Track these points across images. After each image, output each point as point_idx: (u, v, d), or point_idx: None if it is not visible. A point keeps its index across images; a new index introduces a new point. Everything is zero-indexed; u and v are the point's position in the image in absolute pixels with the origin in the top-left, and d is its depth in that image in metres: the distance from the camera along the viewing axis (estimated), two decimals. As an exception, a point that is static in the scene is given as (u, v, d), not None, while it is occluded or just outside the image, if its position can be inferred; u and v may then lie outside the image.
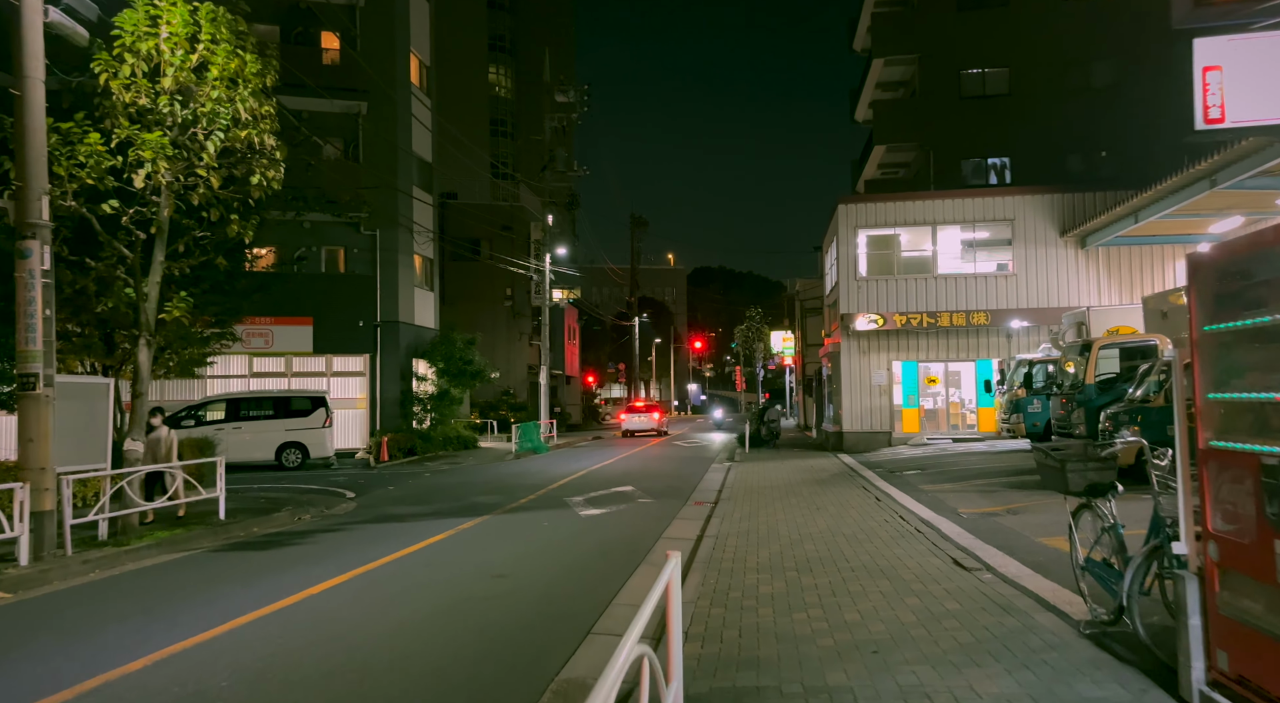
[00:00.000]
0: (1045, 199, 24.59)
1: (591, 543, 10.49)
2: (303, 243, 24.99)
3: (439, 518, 12.77)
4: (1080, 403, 14.67)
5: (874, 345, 25.10)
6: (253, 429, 21.15)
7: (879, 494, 14.03)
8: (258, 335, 23.48)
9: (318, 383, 24.44)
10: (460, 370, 26.31)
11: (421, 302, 27.58)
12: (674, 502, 14.62)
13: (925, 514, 11.57)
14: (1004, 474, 15.54)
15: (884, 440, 24.81)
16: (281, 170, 11.40)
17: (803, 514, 12.07)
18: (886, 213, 25.25)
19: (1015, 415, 19.46)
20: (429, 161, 28.38)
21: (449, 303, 38.29)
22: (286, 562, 9.56)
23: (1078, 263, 24.23)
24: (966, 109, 31.52)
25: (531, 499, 15.00)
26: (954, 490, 14.08)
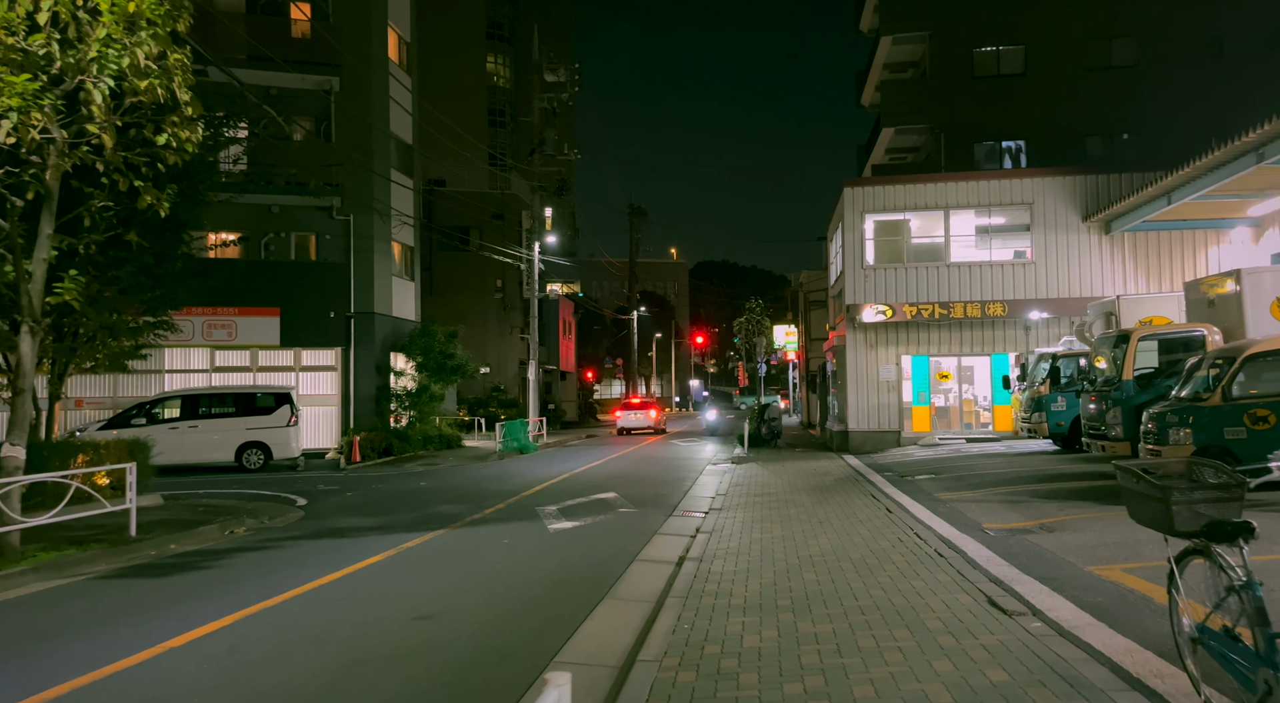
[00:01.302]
0: (1066, 181, 22.91)
1: (551, 568, 8.89)
2: (271, 228, 23.39)
3: (387, 533, 11.18)
4: (1116, 401, 13.04)
5: (882, 338, 23.46)
6: (211, 428, 19.59)
7: (890, 505, 12.41)
8: (220, 327, 21.91)
9: (285, 378, 22.86)
10: (440, 365, 24.71)
11: (401, 292, 25.99)
12: (659, 512, 13.03)
13: (945, 531, 9.95)
14: (1030, 481, 13.91)
15: (892, 440, 23.18)
16: (199, 131, 9.78)
17: (803, 530, 10.46)
18: (895, 196, 23.59)
19: (1037, 414, 17.83)
20: (410, 144, 26.77)
21: (437, 295, 36.74)
22: (175, 595, 7.97)
23: (1101, 250, 22.55)
24: (979, 90, 29.84)
25: (499, 509, 13.40)
26: (974, 500, 12.46)
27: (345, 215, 23.77)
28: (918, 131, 31.64)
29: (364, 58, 23.43)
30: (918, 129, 31.33)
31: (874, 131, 36.09)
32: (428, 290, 36.84)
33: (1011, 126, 29.55)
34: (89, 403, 21.65)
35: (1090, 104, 28.78)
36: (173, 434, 19.19)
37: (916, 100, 30.69)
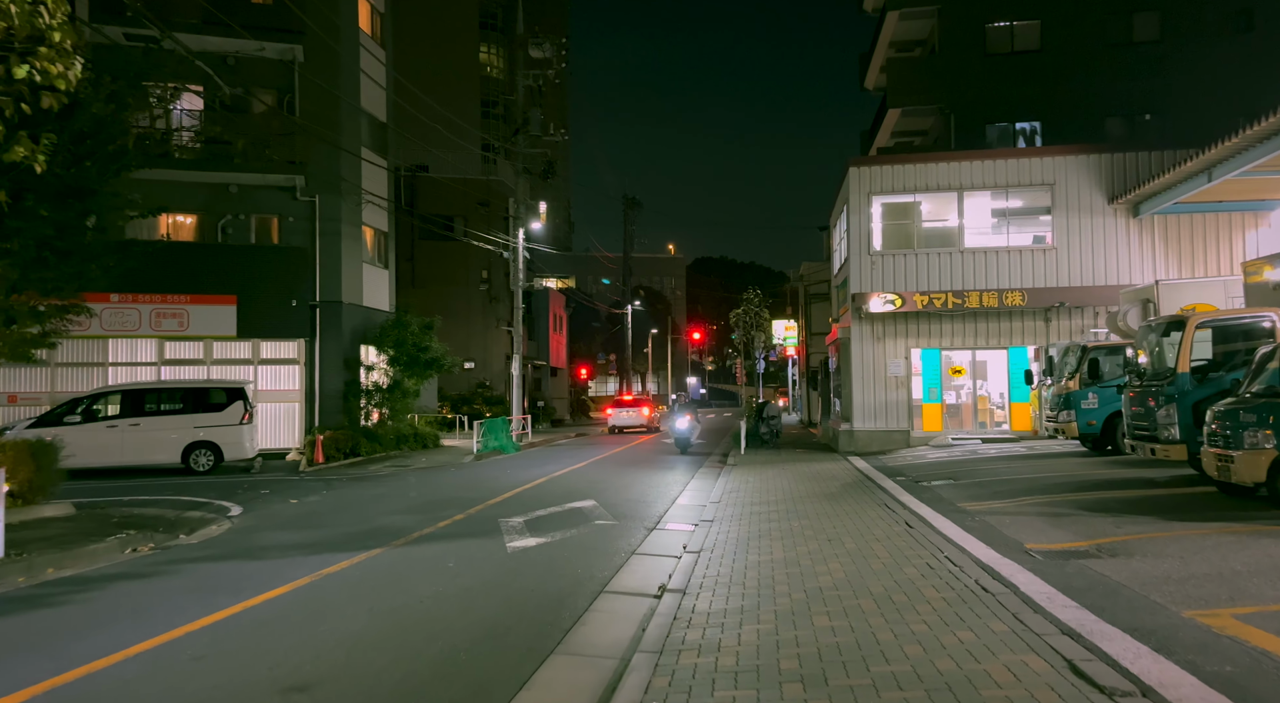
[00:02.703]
0: (1090, 160, 21.14)
1: (493, 606, 7.12)
2: (228, 209, 21.57)
3: (313, 553, 9.41)
4: (1170, 397, 11.27)
5: (890, 330, 21.69)
6: (154, 426, 17.79)
7: (908, 517, 10.65)
8: (170, 316, 20.08)
9: (243, 372, 21.04)
10: (414, 358, 22.90)
11: (373, 280, 24.19)
12: (641, 524, 11.28)
13: (982, 553, 8.19)
14: (1067, 488, 12.14)
15: (901, 440, 21.43)
16: (76, 67, 7.95)
17: (809, 550, 8.70)
18: (905, 177, 21.81)
19: (1065, 412, 16.08)
20: (384, 122, 24.95)
21: (420, 286, 34.97)
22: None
23: (1129, 234, 20.79)
24: (992, 67, 28.06)
25: (456, 522, 11.63)
26: (1007, 512, 10.70)
27: (310, 196, 21.95)
28: (926, 113, 29.88)
29: (330, 26, 21.63)
30: (926, 110, 29.57)
31: (878, 115, 34.32)
32: (410, 282, 35.09)
33: (1026, 107, 27.78)
34: (24, 399, 19.85)
35: (1110, 82, 27.04)
36: (111, 433, 17.41)
37: (925, 79, 28.91)
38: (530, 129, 26.57)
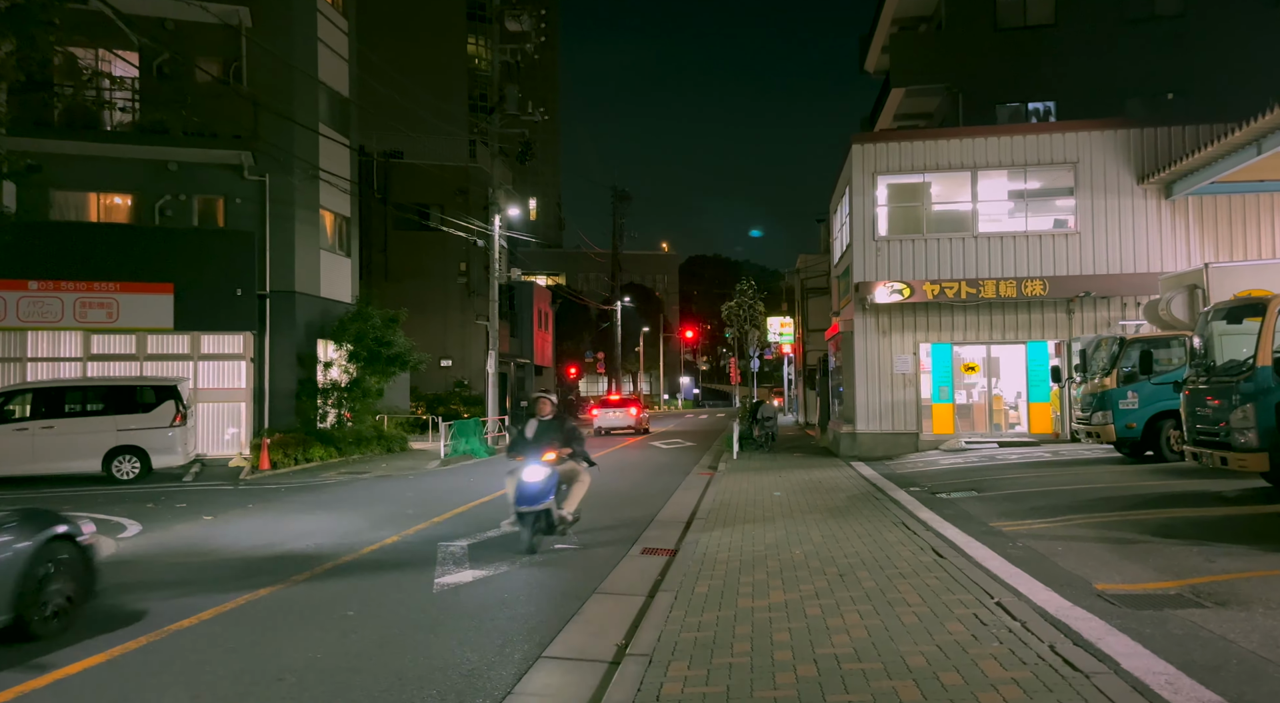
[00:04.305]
0: (1117, 136, 19.26)
1: (379, 689, 5.12)
2: (167, 189, 19.53)
3: (186, 593, 7.44)
4: (1247, 395, 9.34)
5: (897, 323, 19.77)
6: (71, 429, 15.76)
7: (935, 542, 8.70)
8: (97, 306, 18.01)
9: (181, 368, 19.00)
10: (375, 354, 20.89)
11: (332, 269, 22.16)
12: (613, 548, 9.35)
13: (1043, 599, 6.25)
14: (1118, 505, 10.20)
15: (909, 444, 19.50)
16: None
17: (816, 589, 6.76)
18: (913, 155, 19.89)
19: (1100, 413, 14.14)
20: (346, 97, 22.94)
21: (393, 278, 32.99)
22: None
23: (1160, 217, 18.90)
24: (1003, 43, 26.14)
25: (385, 546, 9.64)
26: (1053, 534, 8.77)
27: (260, 175, 19.92)
28: (932, 93, 27.95)
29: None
30: (932, 90, 27.63)
31: (879, 98, 32.42)
32: (382, 274, 33.10)
33: (1040, 86, 25.86)
34: (-70, 398, 17.80)
35: (1130, 59, 25.12)
36: (19, 437, 15.39)
37: (931, 55, 26.98)
38: (506, 107, 24.60)
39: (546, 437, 9.39)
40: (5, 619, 5.77)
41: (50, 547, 6.23)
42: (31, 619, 5.95)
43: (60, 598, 6.22)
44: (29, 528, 6.19)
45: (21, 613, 5.87)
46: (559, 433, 9.47)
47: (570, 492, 9.54)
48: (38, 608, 6.01)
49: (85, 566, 6.59)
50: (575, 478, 9.72)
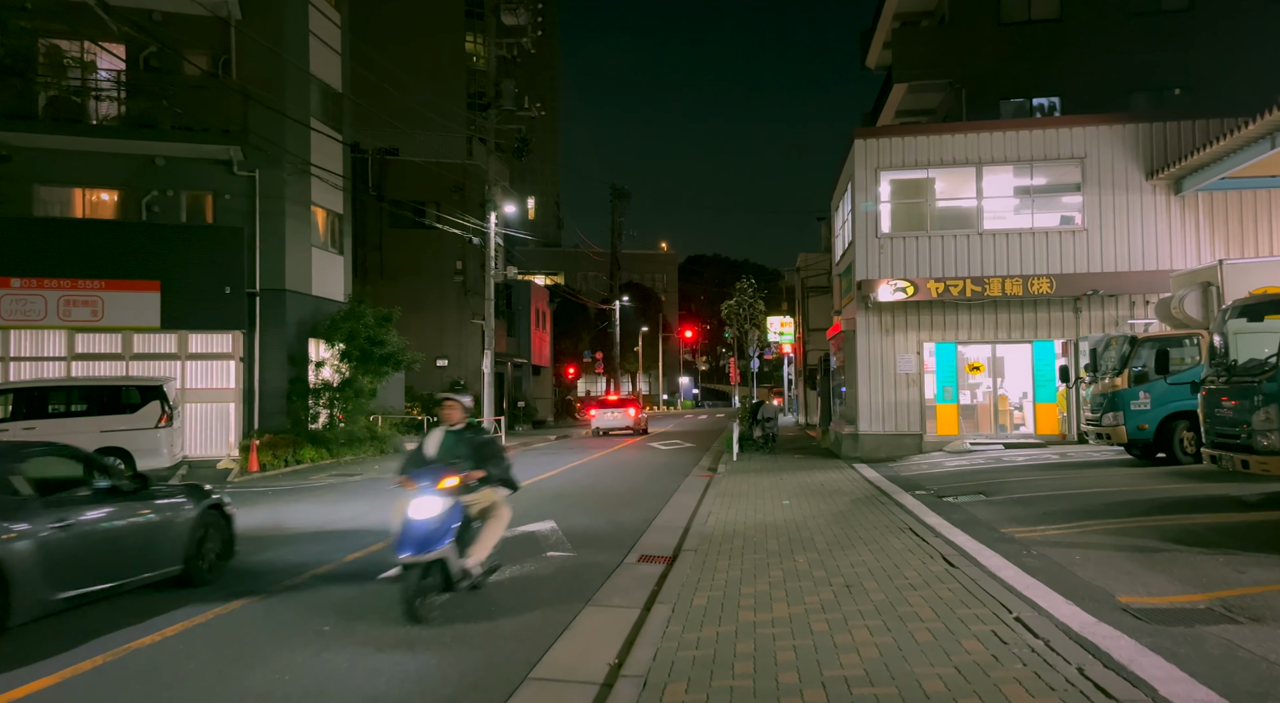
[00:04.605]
0: (1126, 131, 18.86)
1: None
2: (155, 185, 19.09)
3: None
4: (1271, 396, 8.93)
5: (900, 322, 19.37)
6: (52, 430, 15.31)
7: (945, 549, 8.30)
8: (82, 303, 17.58)
9: (168, 368, 18.57)
10: (367, 353, 20.47)
11: (325, 267, 21.74)
12: (606, 556, 8.93)
13: (1065, 613, 5.85)
14: (1134, 510, 9.79)
15: (912, 446, 19.11)
16: None
17: (822, 604, 6.35)
18: (917, 150, 19.50)
19: (1111, 414, 13.74)
20: (339, 92, 22.51)
21: (388, 277, 32.57)
22: None
23: (1170, 213, 18.50)
24: (1007, 38, 25.76)
25: (357, 559, 9.23)
26: (1069, 542, 8.37)
27: (250, 171, 19.50)
28: (934, 89, 27.55)
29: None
30: (934, 85, 27.23)
31: (881, 94, 32.02)
32: (378, 272, 32.69)
33: (1044, 81, 25.45)
34: (-91, 398, 17.38)
35: (1136, 54, 24.73)
36: None
37: (934, 50, 26.58)
38: (503, 102, 24.18)
39: (451, 454, 6.81)
40: (178, 569, 7.50)
41: (207, 513, 7.99)
42: (195, 569, 7.68)
43: (213, 555, 7.99)
44: (193, 499, 7.92)
45: (189, 565, 7.61)
46: (468, 449, 6.85)
47: (481, 533, 6.88)
48: (199, 561, 7.77)
49: (228, 530, 8.35)
50: (490, 513, 6.99)
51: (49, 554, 6.13)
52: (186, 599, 7.17)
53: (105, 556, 6.76)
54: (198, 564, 7.68)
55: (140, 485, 7.37)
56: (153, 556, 7.25)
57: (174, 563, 7.43)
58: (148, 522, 7.30)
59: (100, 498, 6.96)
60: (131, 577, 7.00)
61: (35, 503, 6.31)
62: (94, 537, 6.70)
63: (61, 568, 6.24)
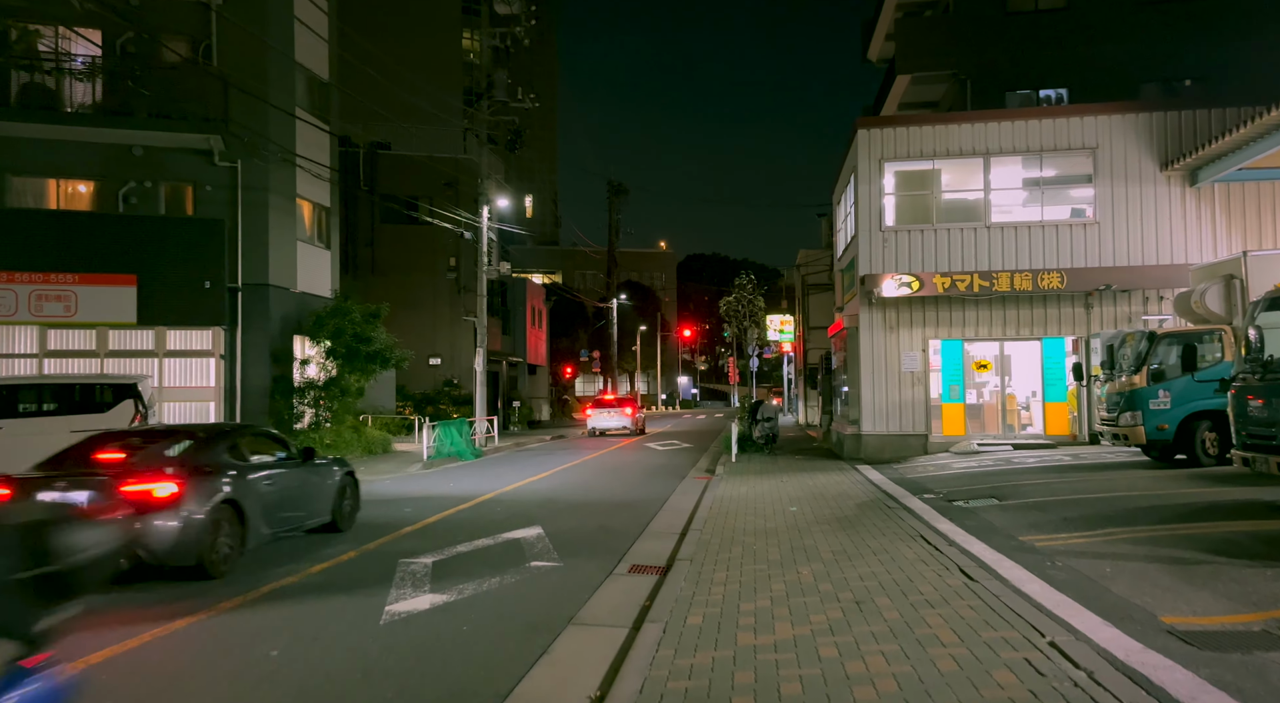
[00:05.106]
0: (1138, 121, 18.21)
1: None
2: (133, 175, 18.41)
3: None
4: (1313, 394, 8.27)
5: (905, 318, 18.71)
6: (19, 431, 14.62)
7: (960, 559, 7.64)
8: (54, 298, 16.89)
9: (145, 366, 17.89)
10: (353, 351, 19.78)
11: (310, 261, 21.05)
12: (595, 565, 8.27)
13: (1105, 638, 5.20)
14: (1162, 516, 9.13)
15: (918, 446, 18.45)
16: None
17: (830, 624, 5.69)
18: (923, 140, 18.84)
19: (1129, 414, 13.07)
20: (326, 81, 21.83)
21: (380, 273, 31.94)
22: None
23: (1185, 206, 17.84)
24: (1014, 27, 25.16)
25: (339, 564, 8.57)
26: (1095, 552, 7.71)
27: (231, 161, 18.82)
28: (938, 80, 26.91)
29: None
30: (939, 77, 26.60)
31: (882, 88, 31.40)
32: (369, 269, 32.06)
33: (1052, 72, 24.83)
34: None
35: (1146, 43, 24.13)
36: (-40, 438, 14.29)
37: (938, 40, 25.94)
38: (495, 93, 23.51)
39: None
40: (328, 518, 10.01)
41: (345, 478, 10.50)
42: (338, 518, 10.21)
43: (349, 509, 10.56)
44: (338, 467, 10.54)
45: (334, 515, 10.14)
46: None
47: None
48: (341, 512, 10.27)
49: (357, 491, 10.94)
50: None
51: (263, 502, 8.64)
52: (335, 541, 9.79)
53: (290, 505, 9.24)
54: (340, 515, 10.26)
55: (306, 458, 9.80)
56: (314, 507, 9.78)
57: (326, 514, 10.00)
58: (312, 483, 9.81)
59: (283, 465, 9.41)
60: (303, 522, 9.58)
61: (252, 468, 8.82)
62: (284, 492, 9.16)
63: (269, 512, 8.72)
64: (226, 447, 8.73)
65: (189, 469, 7.91)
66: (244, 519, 8.19)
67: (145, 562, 7.33)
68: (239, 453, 8.80)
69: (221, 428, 10.34)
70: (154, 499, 7.43)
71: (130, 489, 7.46)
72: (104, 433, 9.44)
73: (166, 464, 7.98)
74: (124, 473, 7.72)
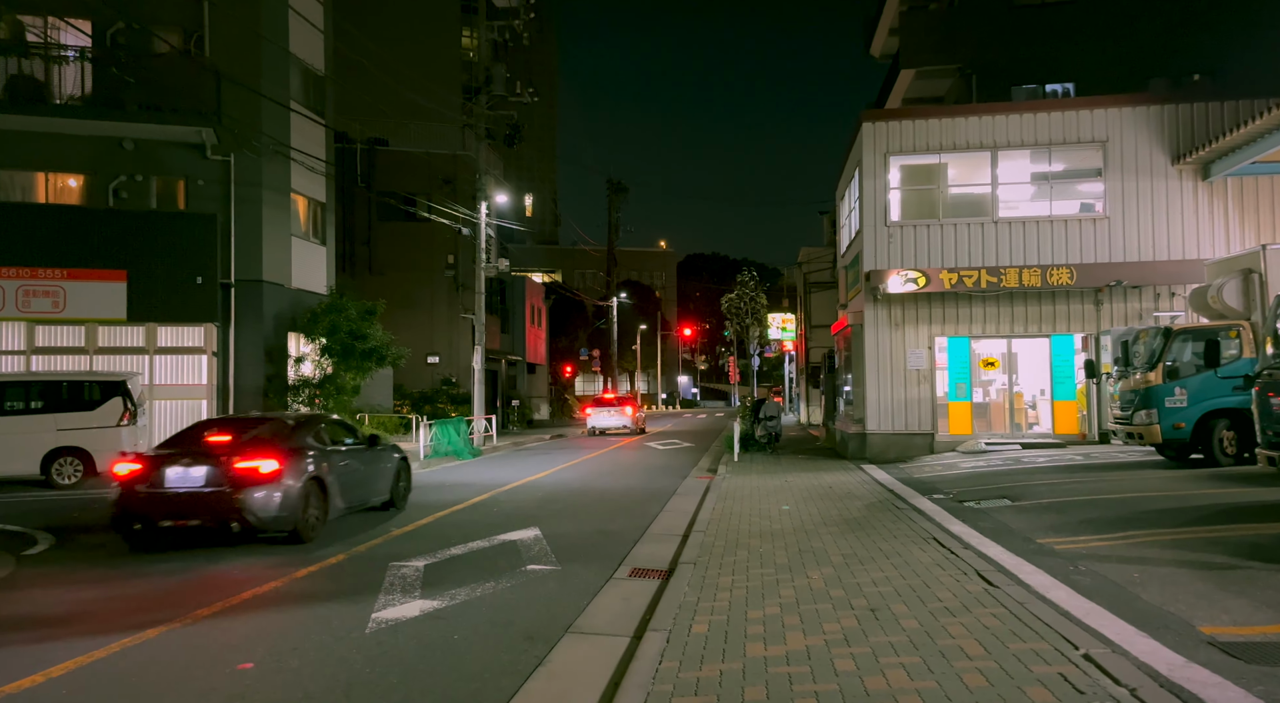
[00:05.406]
0: (1149, 113, 17.84)
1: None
2: (123, 169, 18.03)
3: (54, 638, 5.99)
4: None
5: (910, 315, 18.35)
6: (6, 428, 14.25)
7: (977, 563, 7.29)
8: (41, 293, 16.51)
9: (135, 362, 17.50)
10: (348, 348, 19.40)
11: (306, 257, 20.67)
12: (594, 570, 7.91)
13: (1143, 649, 4.85)
14: (1186, 518, 8.77)
15: (924, 445, 18.09)
16: None
17: (845, 634, 5.33)
18: (929, 133, 18.48)
19: (1145, 412, 12.70)
20: (321, 74, 21.44)
21: (378, 271, 31.56)
22: None
23: (1197, 200, 17.47)
24: (1020, 21, 24.78)
25: (325, 567, 8.20)
26: (1120, 556, 7.35)
27: (224, 155, 18.44)
28: (943, 75, 26.53)
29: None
30: (943, 71, 26.22)
31: (885, 83, 31.02)
32: (366, 267, 31.69)
33: (1058, 66, 24.42)
34: None
35: (1155, 37, 23.77)
36: (-56, 436, 13.94)
37: (943, 34, 25.56)
38: (493, 88, 23.12)
39: None
40: (387, 497, 11.41)
41: (400, 462, 11.92)
42: (395, 498, 11.63)
43: (404, 490, 11.99)
44: (395, 452, 11.93)
45: (392, 495, 11.56)
46: None
47: None
48: (398, 493, 11.72)
49: (409, 474, 12.33)
50: None
51: (340, 480, 9.95)
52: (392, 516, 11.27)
53: (360, 485, 10.63)
54: (397, 495, 11.71)
55: (370, 444, 11.13)
56: (376, 487, 11.17)
57: (385, 494, 11.42)
58: (375, 466, 11.15)
59: (354, 450, 10.70)
60: (368, 500, 10.99)
61: (332, 451, 10.08)
62: (355, 473, 10.52)
63: (345, 489, 10.07)
64: (312, 432, 10.00)
65: (285, 450, 9.15)
66: (326, 494, 9.58)
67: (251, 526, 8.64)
68: (320, 438, 10.11)
69: (307, 416, 11.37)
70: (259, 475, 8.71)
71: (241, 466, 8.73)
72: (210, 419, 11.44)
73: (268, 445, 9.13)
74: (234, 452, 8.96)
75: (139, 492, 8.76)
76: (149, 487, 8.75)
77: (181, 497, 8.66)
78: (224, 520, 8.59)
